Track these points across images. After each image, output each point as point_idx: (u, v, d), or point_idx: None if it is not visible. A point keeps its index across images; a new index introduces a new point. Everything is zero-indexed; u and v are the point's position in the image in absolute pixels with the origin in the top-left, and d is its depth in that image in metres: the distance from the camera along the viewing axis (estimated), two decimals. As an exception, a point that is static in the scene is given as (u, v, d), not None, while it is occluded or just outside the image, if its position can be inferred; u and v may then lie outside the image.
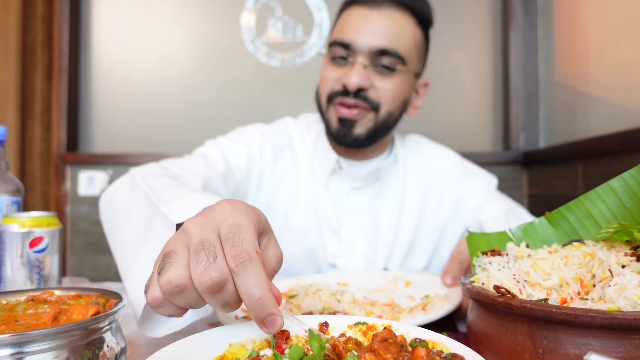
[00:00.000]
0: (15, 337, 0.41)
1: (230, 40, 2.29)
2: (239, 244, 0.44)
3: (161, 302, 0.45)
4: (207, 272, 0.42)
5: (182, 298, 0.44)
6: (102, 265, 2.24)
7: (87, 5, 2.33)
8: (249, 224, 0.46)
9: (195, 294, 0.44)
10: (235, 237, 0.44)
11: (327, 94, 1.11)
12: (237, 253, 0.43)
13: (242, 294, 0.43)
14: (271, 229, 0.52)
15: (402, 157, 1.25)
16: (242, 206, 0.48)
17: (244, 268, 0.43)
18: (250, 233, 0.45)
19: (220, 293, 0.43)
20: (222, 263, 0.43)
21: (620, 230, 0.58)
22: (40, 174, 2.48)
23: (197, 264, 0.43)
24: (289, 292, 0.89)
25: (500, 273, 0.57)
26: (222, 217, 0.47)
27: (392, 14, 1.07)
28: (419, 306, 0.77)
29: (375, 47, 1.05)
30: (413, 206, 1.22)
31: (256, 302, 0.42)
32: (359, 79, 1.04)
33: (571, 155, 1.67)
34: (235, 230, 0.45)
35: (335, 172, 1.20)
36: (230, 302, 0.44)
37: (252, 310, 0.43)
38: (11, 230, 0.74)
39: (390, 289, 0.92)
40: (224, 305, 0.45)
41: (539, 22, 2.09)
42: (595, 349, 0.44)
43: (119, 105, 2.32)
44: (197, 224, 0.46)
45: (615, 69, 1.49)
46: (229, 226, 0.45)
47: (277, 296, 0.44)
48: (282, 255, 0.51)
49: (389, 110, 1.10)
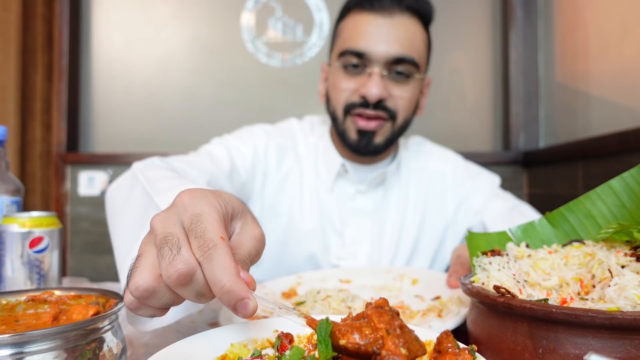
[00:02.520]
0: (15, 337, 0.41)
1: (230, 40, 2.29)
2: (202, 234, 0.43)
3: (138, 306, 0.45)
4: (172, 265, 0.42)
5: (156, 299, 0.44)
6: (102, 265, 2.24)
7: (87, 5, 2.33)
8: (211, 211, 0.45)
9: (167, 292, 0.44)
10: (198, 227, 0.44)
11: (344, 105, 1.10)
12: (201, 243, 0.43)
13: (210, 283, 0.43)
14: (247, 210, 0.51)
15: (405, 160, 1.26)
16: (201, 194, 0.47)
17: (209, 257, 0.42)
18: (212, 220, 0.45)
19: (191, 284, 0.43)
20: (188, 254, 0.43)
21: (620, 231, 0.58)
22: (40, 174, 2.48)
23: (162, 259, 0.42)
24: (292, 291, 0.89)
25: (500, 273, 0.57)
26: (182, 209, 0.46)
27: (402, 20, 1.06)
28: (431, 309, 0.76)
29: (391, 55, 1.04)
30: (416, 208, 1.22)
31: (222, 289, 0.42)
32: (379, 90, 1.04)
33: (571, 155, 1.67)
34: (197, 220, 0.44)
35: (341, 175, 1.20)
36: (204, 292, 0.44)
37: (221, 297, 0.43)
38: (11, 230, 0.74)
39: (397, 287, 0.91)
40: (198, 297, 0.44)
41: (539, 22, 2.09)
42: (595, 349, 0.44)
43: (119, 105, 2.32)
44: (159, 220, 0.46)
45: (616, 68, 1.49)
46: (190, 217, 0.45)
47: (249, 281, 0.44)
48: (262, 234, 0.50)
49: (405, 118, 1.12)
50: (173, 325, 0.76)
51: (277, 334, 0.49)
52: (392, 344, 0.37)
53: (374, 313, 0.40)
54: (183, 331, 0.73)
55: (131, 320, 0.59)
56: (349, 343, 0.39)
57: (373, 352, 0.38)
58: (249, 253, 0.49)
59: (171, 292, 0.44)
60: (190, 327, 0.75)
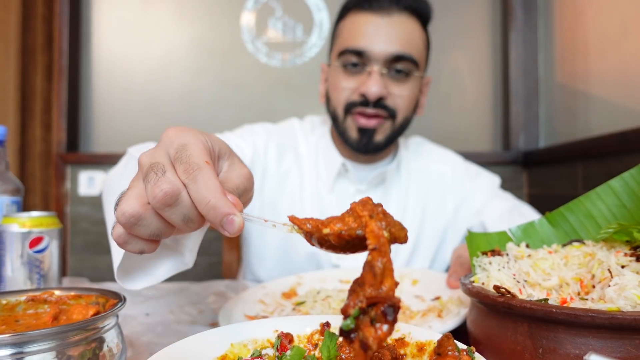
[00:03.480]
0: (15, 337, 0.41)
1: (231, 40, 2.29)
2: (187, 159, 0.44)
3: (126, 238, 0.45)
4: (157, 186, 0.42)
5: (143, 227, 0.44)
6: (102, 265, 2.24)
7: (87, 5, 2.33)
8: (196, 142, 0.46)
9: (154, 219, 0.44)
10: (183, 154, 0.45)
11: (344, 104, 1.10)
12: (186, 167, 0.44)
13: (196, 202, 0.43)
14: (234, 153, 0.52)
15: (405, 160, 1.26)
16: (187, 129, 0.48)
17: (194, 177, 0.43)
18: (198, 149, 0.45)
19: (177, 206, 0.43)
20: (173, 176, 0.43)
21: (620, 231, 0.58)
22: (40, 174, 2.48)
23: (147, 183, 0.43)
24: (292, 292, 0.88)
25: (500, 273, 0.57)
26: (169, 142, 0.47)
27: (401, 19, 1.07)
28: (431, 310, 0.76)
29: (390, 53, 1.05)
30: (415, 208, 1.23)
31: (207, 205, 0.42)
32: (379, 88, 1.04)
33: (571, 155, 1.67)
34: (183, 149, 0.45)
35: (341, 174, 1.20)
36: (191, 216, 0.44)
37: (207, 215, 0.43)
38: (11, 230, 0.74)
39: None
40: (185, 221, 0.44)
41: (539, 22, 2.09)
42: (595, 348, 0.44)
43: (119, 105, 2.32)
44: (146, 154, 0.46)
45: (615, 69, 1.49)
46: (176, 147, 0.46)
47: (235, 202, 0.44)
48: (250, 173, 0.51)
49: (405, 116, 1.12)
50: (173, 325, 0.76)
51: (277, 334, 0.49)
52: (375, 226, 0.38)
53: (357, 205, 0.40)
54: (183, 331, 0.73)
55: (120, 277, 0.58)
56: (332, 231, 0.39)
57: (357, 236, 0.38)
58: (236, 187, 0.49)
59: (158, 219, 0.44)
60: (190, 327, 0.75)
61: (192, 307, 0.87)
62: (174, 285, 1.05)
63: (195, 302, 0.91)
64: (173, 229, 0.46)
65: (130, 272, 0.60)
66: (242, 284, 1.10)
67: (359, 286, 0.38)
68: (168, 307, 0.87)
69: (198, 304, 0.89)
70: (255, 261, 1.24)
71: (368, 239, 0.37)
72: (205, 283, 1.07)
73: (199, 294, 0.98)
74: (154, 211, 0.44)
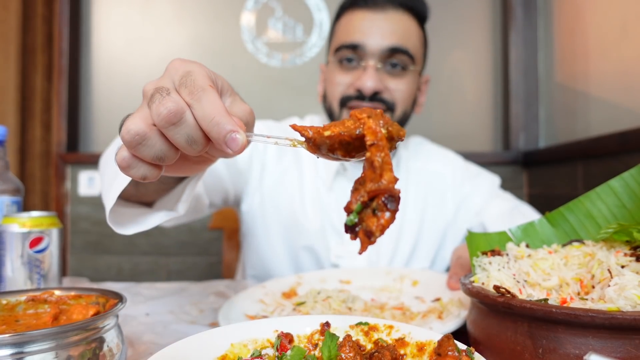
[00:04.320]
0: (15, 337, 0.41)
1: (231, 40, 2.29)
2: (191, 83, 0.45)
3: (129, 161, 0.46)
4: (162, 104, 0.43)
5: (147, 148, 0.45)
6: (102, 265, 2.24)
7: (87, 5, 2.33)
8: (201, 70, 0.47)
9: (159, 139, 0.45)
10: (188, 80, 0.45)
11: (339, 98, 1.11)
12: (190, 90, 0.45)
13: (200, 121, 0.44)
14: (235, 92, 0.53)
15: (404, 159, 1.26)
16: (193, 61, 0.49)
17: (198, 98, 0.44)
18: (202, 75, 0.46)
19: (181, 125, 0.44)
20: (177, 97, 0.44)
21: (620, 231, 0.58)
22: (40, 174, 2.48)
23: (152, 103, 0.44)
24: (292, 292, 0.88)
25: (500, 273, 0.57)
26: (173, 71, 0.48)
27: (396, 15, 1.08)
28: (431, 311, 0.76)
29: (386, 46, 1.05)
30: (415, 208, 1.23)
31: (212, 121, 0.43)
32: (374, 82, 1.05)
33: (571, 155, 1.67)
34: (187, 75, 0.46)
35: (340, 173, 1.20)
36: (194, 137, 0.45)
37: (210, 132, 0.44)
38: (11, 230, 0.74)
39: (397, 288, 0.91)
40: (190, 142, 0.45)
41: (539, 22, 2.09)
42: (595, 348, 0.44)
43: (119, 105, 2.32)
44: (151, 83, 0.47)
45: (615, 69, 1.49)
46: (180, 74, 0.46)
47: (239, 122, 0.45)
48: (251, 110, 0.52)
49: (404, 110, 1.12)
50: (173, 325, 0.76)
51: (277, 334, 0.49)
52: (373, 122, 0.39)
53: (356, 111, 0.42)
54: (183, 331, 0.73)
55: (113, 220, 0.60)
56: (332, 133, 0.41)
57: (357, 136, 0.40)
58: (239, 118, 0.49)
59: (163, 139, 0.45)
60: (190, 327, 0.75)
61: (192, 307, 0.87)
62: (174, 285, 1.05)
63: (195, 302, 0.91)
64: (177, 153, 0.47)
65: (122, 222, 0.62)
66: (242, 283, 1.10)
67: (360, 184, 0.40)
68: (168, 307, 0.87)
69: (198, 304, 0.89)
70: (255, 258, 1.24)
71: (366, 135, 0.39)
72: (205, 283, 1.07)
73: (199, 294, 0.98)
74: (159, 132, 0.45)
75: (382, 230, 0.38)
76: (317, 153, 0.44)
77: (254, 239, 1.23)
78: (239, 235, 1.41)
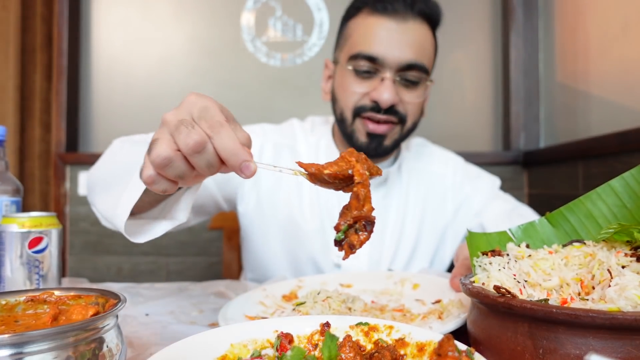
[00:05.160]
0: (15, 337, 0.41)
1: (230, 40, 2.29)
2: (210, 118, 0.55)
3: (155, 179, 0.55)
4: (189, 136, 0.52)
5: (172, 169, 0.54)
6: (101, 266, 2.24)
7: (87, 5, 2.33)
8: (215, 105, 0.57)
9: (182, 162, 0.54)
10: (207, 114, 0.55)
11: (353, 108, 1.10)
12: (210, 124, 0.54)
13: (219, 150, 0.53)
14: (236, 121, 0.60)
15: (406, 161, 1.26)
16: (206, 96, 0.59)
17: (218, 132, 0.53)
18: (218, 110, 0.56)
19: (203, 153, 0.53)
20: (200, 130, 0.53)
21: (620, 231, 0.58)
22: (39, 174, 2.48)
23: (179, 134, 0.53)
24: (292, 294, 0.88)
25: (500, 273, 0.57)
26: (191, 105, 0.56)
27: (415, 25, 1.07)
28: (432, 312, 0.75)
29: (404, 61, 1.05)
30: (415, 209, 1.23)
31: (230, 151, 0.53)
32: (391, 95, 1.04)
33: (571, 155, 1.67)
34: (205, 110, 0.56)
35: None
36: (213, 162, 0.55)
37: (229, 160, 0.54)
38: (11, 230, 0.74)
39: (398, 291, 0.91)
40: (208, 166, 0.55)
41: (539, 22, 2.09)
42: (596, 349, 0.44)
43: (118, 105, 2.31)
44: (171, 114, 0.56)
45: (616, 68, 1.49)
46: (199, 109, 0.56)
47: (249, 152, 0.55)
48: (249, 136, 0.59)
49: (414, 121, 1.14)
50: (173, 325, 0.76)
51: (277, 334, 0.49)
52: (360, 166, 0.55)
53: (345, 154, 0.57)
54: (183, 331, 0.73)
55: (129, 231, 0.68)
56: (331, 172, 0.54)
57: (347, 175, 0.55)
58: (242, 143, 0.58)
59: (185, 163, 0.54)
60: (190, 327, 0.75)
61: (192, 307, 0.87)
62: (174, 285, 1.05)
63: (195, 302, 0.91)
64: (194, 172, 0.56)
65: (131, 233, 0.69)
66: (243, 284, 1.10)
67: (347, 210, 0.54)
68: (168, 307, 0.87)
69: (198, 304, 0.89)
70: (254, 260, 1.24)
71: (355, 176, 0.54)
72: (205, 283, 1.07)
73: (199, 294, 0.98)
74: (183, 156, 0.54)
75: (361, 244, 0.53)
76: (315, 183, 0.57)
77: (252, 242, 1.23)
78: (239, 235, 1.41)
